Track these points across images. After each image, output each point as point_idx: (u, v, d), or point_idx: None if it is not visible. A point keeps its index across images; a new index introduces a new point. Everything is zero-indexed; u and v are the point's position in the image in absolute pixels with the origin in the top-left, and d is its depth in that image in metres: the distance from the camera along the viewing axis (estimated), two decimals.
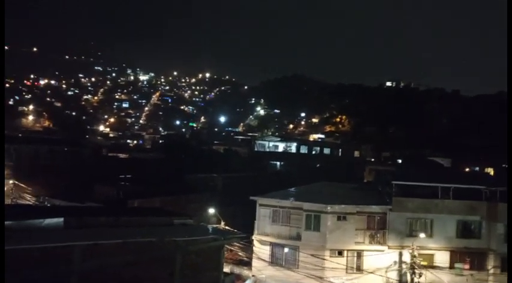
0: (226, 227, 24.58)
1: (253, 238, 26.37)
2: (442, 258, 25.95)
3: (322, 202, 25.80)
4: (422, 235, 25.77)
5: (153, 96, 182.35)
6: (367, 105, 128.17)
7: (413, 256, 25.17)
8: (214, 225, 23.22)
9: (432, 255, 26.01)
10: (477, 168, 74.85)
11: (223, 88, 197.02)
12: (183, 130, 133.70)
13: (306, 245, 25.44)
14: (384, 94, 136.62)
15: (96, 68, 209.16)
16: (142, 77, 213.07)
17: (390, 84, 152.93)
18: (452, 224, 26.24)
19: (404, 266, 25.59)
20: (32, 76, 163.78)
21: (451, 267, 25.73)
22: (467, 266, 25.68)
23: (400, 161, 72.88)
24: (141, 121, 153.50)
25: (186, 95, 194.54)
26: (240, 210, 28.41)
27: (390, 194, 26.82)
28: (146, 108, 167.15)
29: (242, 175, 41.13)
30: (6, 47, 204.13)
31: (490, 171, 70.54)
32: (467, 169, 74.66)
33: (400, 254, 25.87)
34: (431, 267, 25.59)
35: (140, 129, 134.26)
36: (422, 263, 24.97)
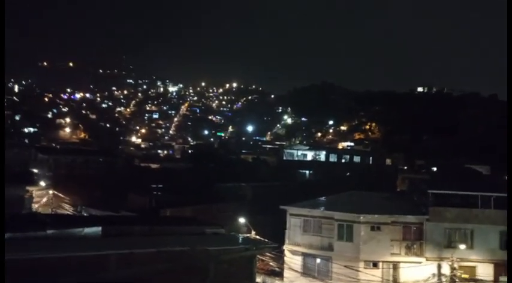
0: (257, 237, 24.37)
1: (284, 248, 26.02)
2: (485, 270, 24.52)
3: (354, 212, 25.14)
4: (462, 246, 24.51)
5: (182, 106, 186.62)
6: (397, 112, 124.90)
7: (453, 269, 23.93)
8: (245, 235, 23.15)
9: (474, 267, 24.64)
10: None
11: (250, 97, 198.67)
12: (212, 140, 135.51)
13: (339, 256, 24.80)
14: (415, 100, 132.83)
15: (128, 80, 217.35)
16: (172, 88, 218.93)
17: (422, 90, 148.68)
18: (495, 235, 24.81)
19: (443, 279, 24.36)
20: (68, 90, 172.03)
21: (496, 280, 24.23)
22: None
23: (434, 169, 70.22)
24: (170, 131, 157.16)
25: (213, 105, 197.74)
26: (270, 220, 28.16)
27: (426, 204, 25.77)
28: (175, 119, 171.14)
29: (271, 185, 40.90)
30: (45, 63, 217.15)
31: None
32: (508, 177, 70.52)
33: (439, 266, 24.67)
34: (474, 280, 24.24)
35: (170, 140, 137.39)
36: (463, 276, 23.70)
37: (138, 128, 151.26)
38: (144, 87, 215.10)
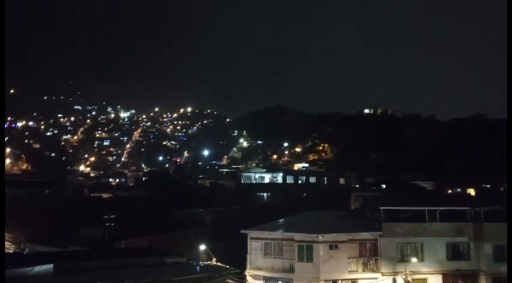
0: (219, 263, 23.97)
1: (246, 273, 25.78)
2: (435, 281, 25.94)
3: (313, 232, 25.70)
4: (414, 259, 25.82)
5: (135, 133, 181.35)
6: (348, 132, 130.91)
7: (406, 282, 25.10)
8: (207, 262, 22.70)
9: (425, 279, 25.95)
10: (459, 189, 76.68)
11: (205, 121, 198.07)
12: (167, 165, 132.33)
13: (300, 277, 25.04)
14: (363, 121, 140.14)
15: (75, 107, 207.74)
16: (123, 114, 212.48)
17: (368, 111, 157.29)
18: (442, 247, 26.44)
19: None
20: (8, 118, 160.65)
21: None
22: None
23: (384, 186, 73.93)
24: (123, 158, 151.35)
25: (168, 130, 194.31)
26: (231, 245, 27.92)
27: (379, 220, 27.00)
28: (128, 146, 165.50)
29: (230, 209, 40.73)
30: None
31: (471, 191, 72.40)
32: (449, 191, 76.41)
33: (394, 280, 25.69)
34: None
35: (122, 167, 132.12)
36: None
37: (86, 156, 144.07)
38: (93, 113, 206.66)
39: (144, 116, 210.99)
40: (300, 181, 55.35)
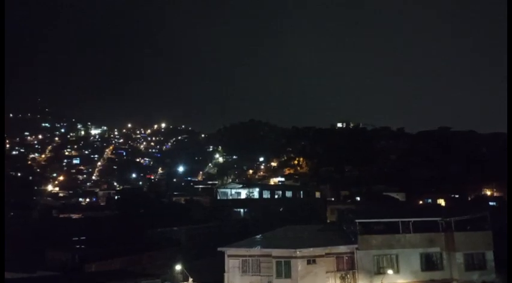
0: None
1: None
2: None
3: (291, 247, 25.59)
4: (390, 271, 26.13)
5: (106, 150, 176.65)
6: (322, 146, 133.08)
7: None
8: None
9: None
10: (429, 200, 79.07)
11: (179, 137, 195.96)
12: (140, 183, 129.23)
13: None
14: (337, 135, 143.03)
15: (43, 124, 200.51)
16: (94, 131, 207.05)
17: (341, 125, 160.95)
18: (416, 258, 26.93)
19: None
20: None
21: None
22: None
23: (358, 198, 75.16)
24: (93, 177, 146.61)
25: (141, 147, 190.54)
26: (208, 263, 27.29)
27: (355, 233, 27.27)
28: (99, 163, 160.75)
29: (206, 226, 39.99)
30: None
31: (441, 202, 74.83)
32: (420, 202, 78.70)
33: None
34: None
35: (93, 186, 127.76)
36: None
37: (55, 175, 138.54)
38: (62, 130, 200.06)
39: (116, 133, 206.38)
40: (276, 196, 55.34)
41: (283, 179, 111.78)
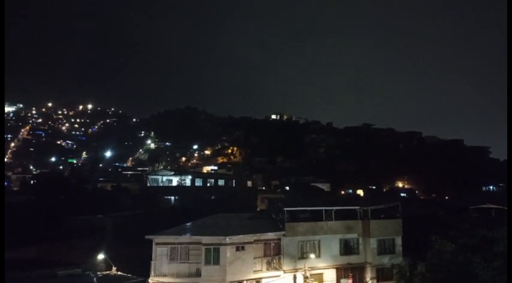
0: (119, 272, 22.58)
1: (149, 281, 24.77)
2: (330, 275, 28.44)
3: (220, 235, 25.97)
4: (312, 256, 27.95)
5: (22, 130, 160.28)
6: (256, 136, 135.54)
7: (305, 278, 27.03)
8: (105, 272, 21.20)
9: (321, 274, 28.29)
10: (350, 191, 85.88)
11: (108, 120, 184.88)
12: (61, 167, 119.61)
13: (207, 280, 25.04)
14: (271, 126, 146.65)
15: None
16: (8, 109, 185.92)
17: (275, 117, 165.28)
18: (336, 243, 29.17)
19: None
20: None
21: None
22: (350, 280, 28.67)
23: (287, 188, 78.54)
24: (6, 159, 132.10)
25: (63, 128, 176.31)
26: (136, 252, 26.48)
27: (283, 220, 28.59)
28: (13, 144, 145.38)
29: (134, 214, 38.60)
30: None
31: (360, 192, 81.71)
32: (342, 192, 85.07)
33: (294, 277, 27.45)
34: None
35: (5, 169, 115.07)
36: None
37: None
38: None
39: (34, 112, 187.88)
40: (208, 184, 55.29)
41: (216, 168, 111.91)
